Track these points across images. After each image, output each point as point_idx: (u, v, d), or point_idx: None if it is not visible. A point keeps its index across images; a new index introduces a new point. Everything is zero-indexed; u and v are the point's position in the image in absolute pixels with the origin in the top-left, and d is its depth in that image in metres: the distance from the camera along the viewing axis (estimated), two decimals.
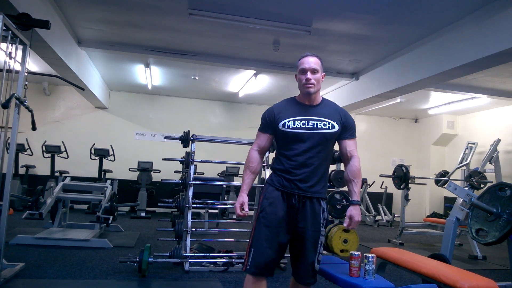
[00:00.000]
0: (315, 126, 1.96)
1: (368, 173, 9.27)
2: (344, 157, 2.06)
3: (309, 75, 1.96)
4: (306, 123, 1.96)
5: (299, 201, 1.97)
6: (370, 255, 2.36)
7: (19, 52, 3.20)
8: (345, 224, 2.01)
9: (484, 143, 7.70)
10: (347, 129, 2.03)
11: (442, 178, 7.37)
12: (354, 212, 1.97)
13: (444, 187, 7.37)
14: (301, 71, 1.99)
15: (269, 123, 2.04)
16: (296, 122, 1.97)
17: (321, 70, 2.02)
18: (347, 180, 2.04)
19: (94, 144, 8.03)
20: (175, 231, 4.09)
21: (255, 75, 7.03)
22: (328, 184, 5.39)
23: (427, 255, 3.38)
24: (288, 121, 1.97)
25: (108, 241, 4.73)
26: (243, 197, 2.01)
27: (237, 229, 4.81)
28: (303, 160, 1.96)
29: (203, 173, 8.35)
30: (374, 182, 9.15)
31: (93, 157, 7.99)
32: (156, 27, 5.14)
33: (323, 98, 2.09)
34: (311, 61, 1.98)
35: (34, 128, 3.45)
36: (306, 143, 1.96)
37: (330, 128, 1.98)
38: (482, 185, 6.47)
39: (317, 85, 1.99)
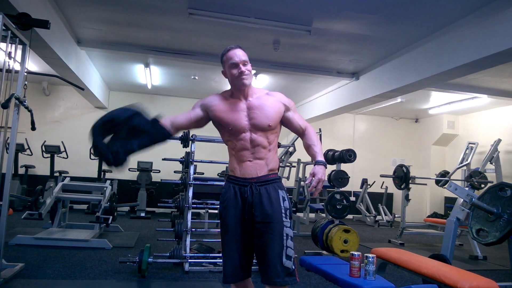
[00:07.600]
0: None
1: (369, 173, 9.30)
2: (298, 131, 2.04)
3: (242, 67, 1.88)
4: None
5: (252, 194, 1.87)
6: (370, 255, 2.36)
7: (19, 52, 3.20)
8: (307, 182, 1.92)
9: (484, 143, 7.69)
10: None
11: (443, 178, 7.36)
12: (318, 169, 1.89)
13: (444, 187, 7.37)
14: (232, 65, 1.89)
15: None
16: None
17: (248, 61, 1.94)
18: (307, 147, 2.01)
19: None
20: (175, 231, 4.09)
21: (255, 75, 7.02)
22: (329, 184, 5.47)
23: (427, 256, 3.37)
24: None
25: (108, 241, 4.73)
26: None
27: None
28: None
29: (203, 173, 8.34)
30: (374, 182, 9.14)
31: (92, 157, 7.97)
32: (156, 26, 5.13)
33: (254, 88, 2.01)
34: (240, 54, 1.89)
35: (33, 128, 3.44)
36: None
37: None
38: (482, 185, 6.46)
39: (251, 75, 1.93)
